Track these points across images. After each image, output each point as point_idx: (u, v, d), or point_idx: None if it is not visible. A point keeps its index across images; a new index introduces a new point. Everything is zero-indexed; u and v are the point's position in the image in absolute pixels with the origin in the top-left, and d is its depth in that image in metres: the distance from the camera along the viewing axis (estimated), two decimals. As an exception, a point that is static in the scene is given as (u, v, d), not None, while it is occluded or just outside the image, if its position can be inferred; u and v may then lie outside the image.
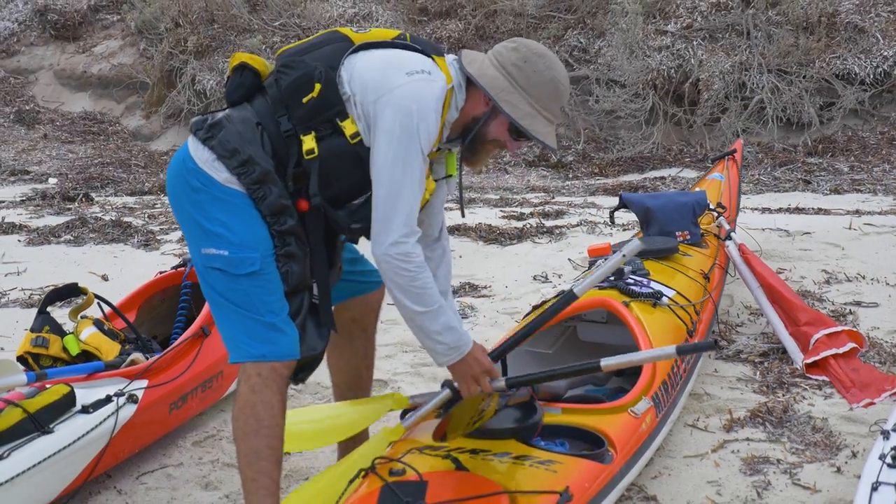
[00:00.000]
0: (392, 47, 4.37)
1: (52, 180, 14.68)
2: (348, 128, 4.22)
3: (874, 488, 3.95)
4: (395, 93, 4.15)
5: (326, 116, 4.23)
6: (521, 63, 4.24)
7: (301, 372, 4.46)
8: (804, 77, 13.92)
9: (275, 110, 4.29)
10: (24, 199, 13.33)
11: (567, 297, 4.63)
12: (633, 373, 5.47)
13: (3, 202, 13.12)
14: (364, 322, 5.04)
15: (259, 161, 4.21)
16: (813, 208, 11.04)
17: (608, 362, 4.34)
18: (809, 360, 6.39)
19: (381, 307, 5.06)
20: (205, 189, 4.25)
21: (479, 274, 8.74)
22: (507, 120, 4.25)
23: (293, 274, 4.27)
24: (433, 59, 4.32)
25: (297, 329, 4.32)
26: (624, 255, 4.15)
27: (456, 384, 4.51)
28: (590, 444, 4.58)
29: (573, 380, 5.50)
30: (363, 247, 4.58)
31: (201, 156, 4.26)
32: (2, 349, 7.33)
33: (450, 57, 4.40)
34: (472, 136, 4.35)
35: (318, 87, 4.23)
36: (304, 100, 4.23)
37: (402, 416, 4.68)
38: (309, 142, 4.24)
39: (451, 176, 4.68)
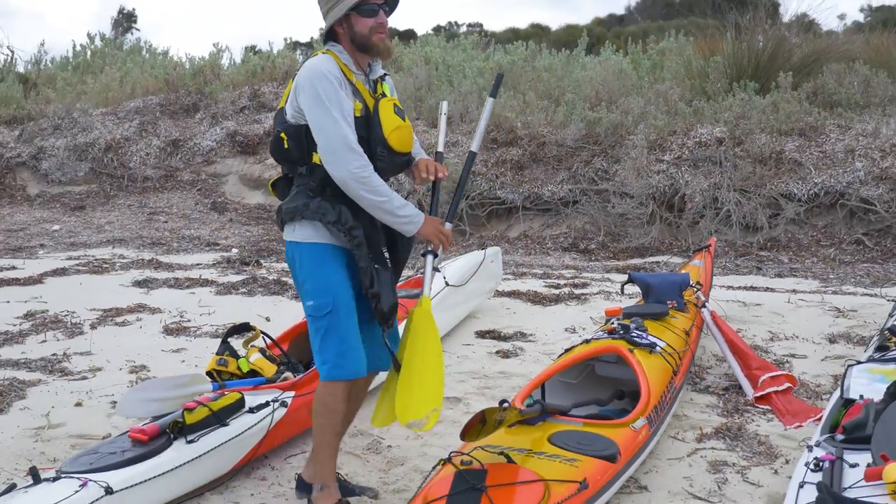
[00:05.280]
0: None
1: (235, 250, 14.81)
2: None
3: (801, 486, 3.95)
4: (300, 73, 4.38)
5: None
6: None
7: None
8: (759, 195, 13.83)
9: None
10: (214, 263, 13.49)
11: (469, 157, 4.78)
12: (633, 398, 5.46)
13: (201, 264, 13.27)
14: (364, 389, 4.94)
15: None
16: (763, 287, 10.89)
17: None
18: (758, 394, 6.34)
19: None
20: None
21: (527, 325, 8.69)
22: (352, 16, 4.36)
23: (362, 251, 4.33)
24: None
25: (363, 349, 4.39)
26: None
27: (430, 246, 4.56)
28: (602, 447, 4.55)
29: (579, 400, 5.51)
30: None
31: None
32: (196, 366, 7.42)
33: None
34: (358, 43, 4.42)
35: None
36: None
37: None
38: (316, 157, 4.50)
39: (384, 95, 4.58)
